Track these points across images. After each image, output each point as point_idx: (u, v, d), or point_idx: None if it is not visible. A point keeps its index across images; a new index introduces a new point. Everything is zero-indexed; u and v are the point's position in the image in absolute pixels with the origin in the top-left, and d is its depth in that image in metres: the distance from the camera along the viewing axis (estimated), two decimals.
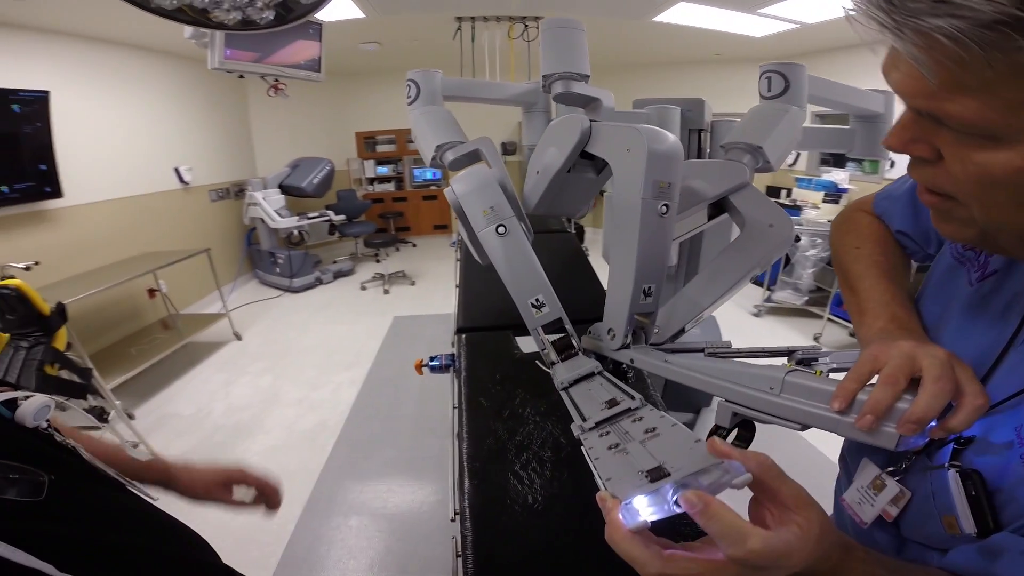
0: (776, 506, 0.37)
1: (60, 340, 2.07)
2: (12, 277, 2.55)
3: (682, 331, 0.78)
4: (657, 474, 0.39)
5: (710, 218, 0.89)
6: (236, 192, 5.39)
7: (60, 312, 2.06)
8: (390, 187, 7.29)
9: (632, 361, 0.69)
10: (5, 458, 0.39)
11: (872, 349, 0.44)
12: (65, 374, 2.02)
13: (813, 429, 0.45)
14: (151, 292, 3.93)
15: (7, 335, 1.92)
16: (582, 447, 0.49)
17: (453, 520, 0.93)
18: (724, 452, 0.38)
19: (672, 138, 0.64)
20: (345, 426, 2.80)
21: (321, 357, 3.71)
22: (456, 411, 1.10)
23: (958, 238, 0.44)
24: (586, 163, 0.82)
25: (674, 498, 0.36)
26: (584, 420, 0.55)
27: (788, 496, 0.36)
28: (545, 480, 0.81)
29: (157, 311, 4.02)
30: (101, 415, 2.32)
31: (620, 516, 0.37)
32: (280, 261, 5.17)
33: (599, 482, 0.42)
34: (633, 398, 0.56)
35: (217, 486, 0.82)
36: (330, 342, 3.97)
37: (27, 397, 0.46)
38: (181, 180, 4.54)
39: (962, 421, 0.39)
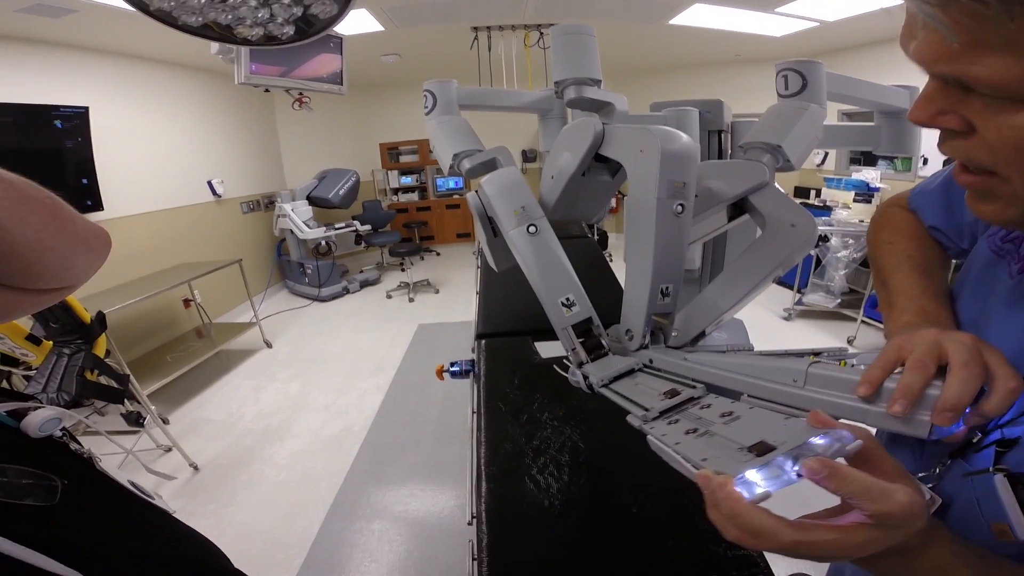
0: (882, 477, 0.35)
1: (100, 347, 2.16)
2: None
3: (703, 334, 0.77)
4: (763, 448, 0.37)
5: (730, 219, 0.87)
6: (266, 204, 5.56)
7: (100, 321, 2.16)
8: (414, 197, 7.39)
9: (651, 361, 0.68)
10: (16, 464, 0.40)
11: (896, 340, 0.43)
12: (104, 380, 2.11)
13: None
14: (186, 302, 4.07)
15: (50, 342, 2.02)
16: (649, 437, 0.47)
17: (470, 524, 0.93)
18: (828, 423, 0.37)
19: (685, 138, 0.64)
20: (370, 432, 2.83)
21: (348, 364, 3.77)
22: (475, 416, 1.10)
23: (1001, 219, 0.41)
24: (600, 166, 0.82)
25: (794, 468, 0.35)
26: (646, 410, 0.53)
27: (891, 468, 0.36)
28: (562, 484, 0.81)
29: (192, 320, 4.16)
30: (137, 419, 2.41)
31: (739, 490, 0.35)
32: (309, 271, 5.29)
33: (686, 466, 0.40)
34: (694, 387, 0.54)
35: None
36: (356, 350, 4.03)
37: (36, 408, 0.47)
38: (214, 193, 4.70)
39: (997, 405, 0.37)
